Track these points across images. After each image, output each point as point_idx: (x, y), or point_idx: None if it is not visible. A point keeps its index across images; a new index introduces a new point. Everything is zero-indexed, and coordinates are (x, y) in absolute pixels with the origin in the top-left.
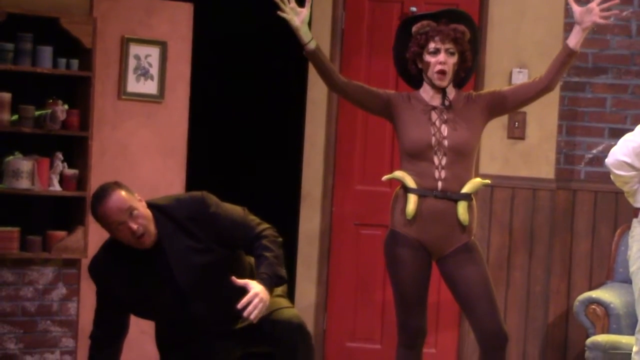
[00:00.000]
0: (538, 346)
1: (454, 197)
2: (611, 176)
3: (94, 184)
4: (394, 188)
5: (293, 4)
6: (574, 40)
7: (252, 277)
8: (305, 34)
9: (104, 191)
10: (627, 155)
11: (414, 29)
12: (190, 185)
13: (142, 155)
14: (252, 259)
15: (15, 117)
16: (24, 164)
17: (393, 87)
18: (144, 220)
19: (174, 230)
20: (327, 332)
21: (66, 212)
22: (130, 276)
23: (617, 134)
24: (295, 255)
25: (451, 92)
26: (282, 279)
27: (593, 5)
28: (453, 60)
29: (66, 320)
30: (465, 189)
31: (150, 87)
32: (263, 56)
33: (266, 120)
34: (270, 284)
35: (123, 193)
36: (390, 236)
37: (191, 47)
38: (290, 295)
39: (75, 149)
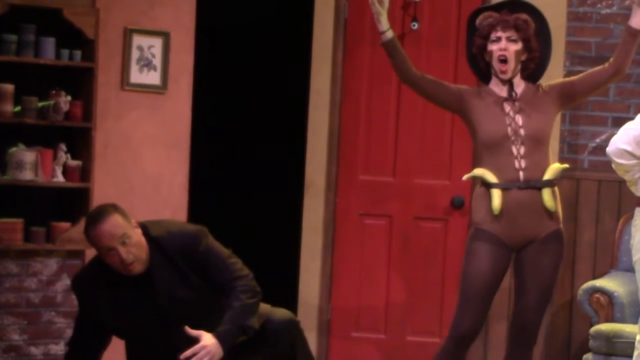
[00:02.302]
0: (542, 335)
1: (537, 186)
2: (612, 165)
3: (98, 175)
4: (398, 178)
5: None
6: (635, 19)
7: None
8: (385, 21)
9: (100, 214)
10: (628, 143)
11: (477, 21)
12: (193, 176)
13: (146, 146)
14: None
15: (18, 108)
16: (27, 155)
17: (395, 78)
18: (136, 249)
19: (164, 262)
20: (332, 322)
21: (70, 203)
22: (114, 298)
23: (621, 123)
24: (299, 246)
25: (520, 84)
26: (247, 329)
27: None
28: (515, 47)
29: (70, 311)
30: (547, 176)
31: (153, 78)
32: (266, 46)
33: (269, 110)
34: (226, 338)
35: (119, 218)
36: (474, 232)
37: (194, 37)
38: (294, 285)
39: (79, 140)
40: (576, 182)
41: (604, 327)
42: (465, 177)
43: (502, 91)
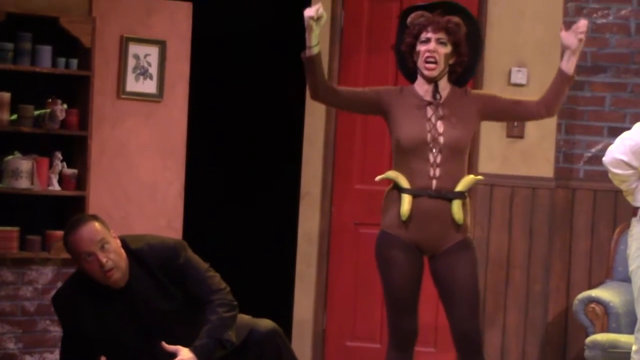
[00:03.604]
0: (537, 345)
1: (448, 196)
2: (609, 175)
3: (93, 183)
4: None
5: (320, 5)
6: (566, 64)
7: None
8: (315, 37)
9: (79, 220)
10: (624, 153)
11: (408, 19)
12: (189, 184)
13: (141, 155)
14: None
15: (14, 116)
16: (23, 164)
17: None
18: (115, 256)
19: (144, 275)
20: (327, 331)
21: (65, 211)
22: (95, 313)
23: (616, 132)
24: (295, 255)
25: (446, 88)
26: (225, 343)
27: (577, 25)
28: (444, 50)
29: None
30: (459, 187)
31: (149, 86)
32: (262, 55)
33: (265, 119)
34: (204, 352)
35: (97, 225)
36: (381, 238)
37: (190, 46)
38: (290, 294)
39: (75, 148)
40: (572, 191)
41: (600, 337)
42: (378, 178)
43: (427, 93)
